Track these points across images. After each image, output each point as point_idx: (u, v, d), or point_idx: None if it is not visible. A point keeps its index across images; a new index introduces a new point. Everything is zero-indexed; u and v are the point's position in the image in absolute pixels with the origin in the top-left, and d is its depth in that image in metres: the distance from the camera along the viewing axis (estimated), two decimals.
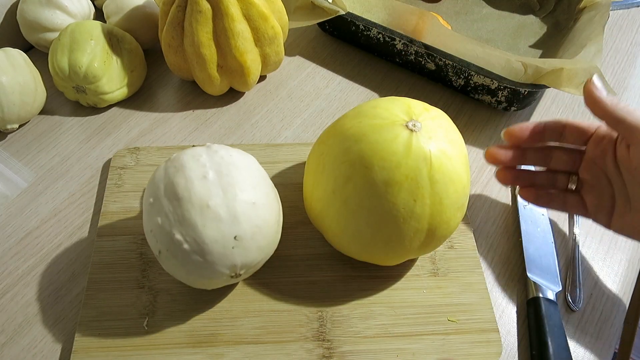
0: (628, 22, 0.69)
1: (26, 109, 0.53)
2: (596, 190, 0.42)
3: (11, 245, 0.47)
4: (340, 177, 0.37)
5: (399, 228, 0.36)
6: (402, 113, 0.37)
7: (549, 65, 0.51)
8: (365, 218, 0.37)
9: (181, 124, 0.56)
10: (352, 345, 0.40)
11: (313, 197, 0.40)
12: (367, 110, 0.38)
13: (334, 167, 0.37)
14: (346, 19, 0.60)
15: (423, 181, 0.35)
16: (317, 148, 0.40)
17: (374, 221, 0.36)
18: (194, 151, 0.39)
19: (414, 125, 0.35)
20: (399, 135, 0.35)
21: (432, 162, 0.35)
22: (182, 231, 0.36)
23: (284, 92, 0.60)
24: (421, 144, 0.35)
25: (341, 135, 0.38)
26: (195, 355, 0.40)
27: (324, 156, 0.38)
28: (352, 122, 0.38)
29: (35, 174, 0.52)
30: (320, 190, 0.39)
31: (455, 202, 0.37)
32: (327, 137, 0.39)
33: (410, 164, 0.35)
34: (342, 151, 0.37)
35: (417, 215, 0.36)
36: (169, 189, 0.37)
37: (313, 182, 0.40)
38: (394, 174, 0.35)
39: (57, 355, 0.41)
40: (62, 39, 0.53)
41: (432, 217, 0.36)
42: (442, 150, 0.35)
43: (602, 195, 0.42)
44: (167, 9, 0.51)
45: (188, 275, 0.38)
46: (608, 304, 0.44)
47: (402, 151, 0.35)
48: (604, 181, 0.41)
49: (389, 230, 0.37)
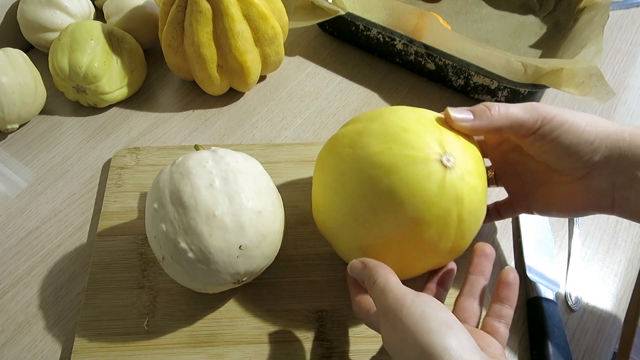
0: (628, 22, 0.69)
1: (26, 109, 0.53)
2: (507, 176, 0.43)
3: (11, 245, 0.47)
4: (366, 207, 0.35)
5: (420, 259, 0.36)
6: (435, 143, 0.34)
7: (549, 65, 0.51)
8: (386, 248, 0.36)
9: (181, 124, 0.56)
10: (352, 345, 0.40)
11: (328, 215, 0.38)
12: (396, 133, 0.35)
13: (359, 195, 0.35)
14: (346, 19, 0.60)
15: (452, 221, 0.34)
16: (333, 162, 0.37)
17: (396, 252, 0.36)
18: (200, 156, 0.39)
19: (448, 160, 0.33)
20: (433, 172, 0.33)
21: (463, 202, 0.34)
22: (187, 240, 0.36)
23: (284, 92, 0.60)
24: (454, 183, 0.33)
25: (368, 160, 0.34)
26: (195, 355, 0.40)
27: (345, 177, 0.36)
28: (381, 146, 0.34)
29: (36, 174, 0.52)
30: (338, 212, 0.37)
31: (475, 231, 0.37)
32: (347, 154, 0.36)
33: (442, 205, 0.33)
34: (369, 180, 0.34)
35: (439, 249, 0.35)
36: (174, 195, 0.37)
37: (329, 200, 0.37)
38: (425, 214, 0.33)
39: (57, 355, 0.41)
40: (62, 39, 0.53)
41: (452, 249, 0.36)
42: (472, 187, 0.34)
43: (512, 180, 0.42)
44: (167, 9, 0.51)
45: (191, 282, 0.38)
46: (608, 304, 0.44)
47: (435, 190, 0.33)
48: (509, 166, 0.42)
49: (408, 260, 0.36)
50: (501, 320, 0.35)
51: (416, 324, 0.29)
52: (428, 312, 0.29)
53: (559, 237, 0.48)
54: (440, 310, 0.30)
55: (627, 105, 0.60)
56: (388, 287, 0.32)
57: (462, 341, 0.28)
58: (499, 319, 0.35)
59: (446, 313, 0.30)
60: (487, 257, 0.37)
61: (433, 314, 0.29)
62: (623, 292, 0.45)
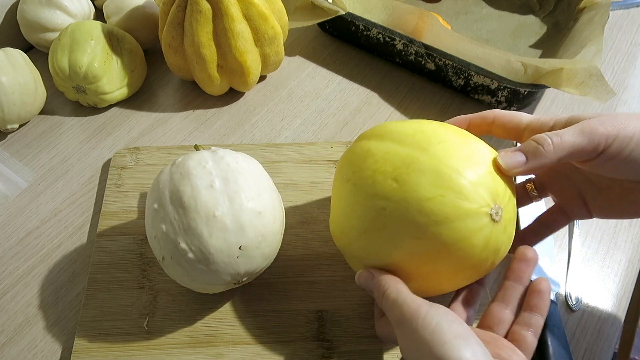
0: (628, 22, 0.69)
1: (26, 109, 0.53)
2: (558, 185, 0.40)
3: (11, 245, 0.47)
4: (405, 250, 0.33)
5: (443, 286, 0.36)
6: (486, 193, 0.32)
7: (549, 65, 0.51)
8: (412, 278, 0.35)
9: (181, 124, 0.56)
10: (352, 345, 0.40)
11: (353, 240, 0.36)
12: (449, 176, 0.32)
13: (399, 236, 0.33)
14: (346, 19, 0.60)
15: (485, 267, 0.34)
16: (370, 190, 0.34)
17: (422, 281, 0.35)
18: (199, 156, 0.38)
19: (497, 214, 0.32)
20: (482, 227, 0.32)
21: (499, 252, 0.34)
22: (187, 240, 0.36)
23: (284, 92, 0.60)
24: (498, 237, 0.33)
25: (417, 204, 0.32)
26: (195, 355, 0.40)
27: (386, 215, 0.33)
28: (433, 192, 0.32)
29: (36, 174, 0.52)
30: (369, 243, 0.35)
31: None
32: (391, 189, 0.33)
33: (482, 257, 0.33)
34: (414, 226, 0.32)
35: (461, 284, 0.36)
36: (174, 196, 0.37)
37: (358, 227, 0.35)
38: (465, 264, 0.33)
39: (57, 355, 0.41)
40: (62, 39, 0.53)
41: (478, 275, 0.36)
42: (510, 237, 0.34)
43: (565, 187, 0.39)
44: (167, 9, 0.51)
45: (191, 282, 0.38)
46: (608, 304, 0.44)
47: (480, 246, 0.32)
48: (560, 174, 0.40)
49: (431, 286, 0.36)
50: (529, 329, 0.34)
51: (431, 335, 0.29)
52: (443, 324, 0.29)
53: (559, 237, 0.48)
54: (456, 322, 0.29)
55: (627, 105, 0.60)
56: (401, 298, 0.32)
57: (477, 354, 0.28)
58: (528, 327, 0.34)
59: (461, 325, 0.29)
60: (528, 262, 0.36)
61: (448, 327, 0.29)
62: (623, 292, 0.45)
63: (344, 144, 0.53)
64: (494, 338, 0.34)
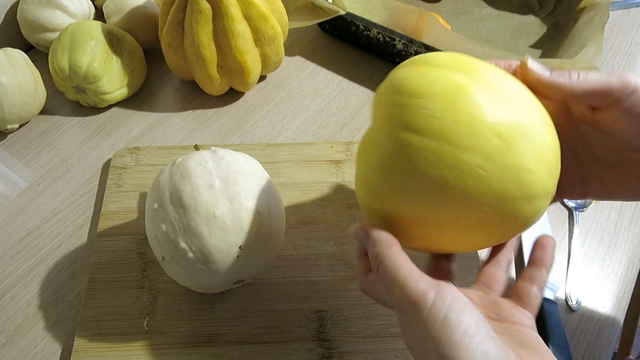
0: (628, 22, 0.69)
1: (26, 109, 0.53)
2: None
3: (11, 245, 0.47)
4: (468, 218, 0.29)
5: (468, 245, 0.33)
6: (557, 173, 0.30)
7: (549, 65, 0.51)
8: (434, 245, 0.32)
9: (181, 124, 0.56)
10: (352, 345, 0.40)
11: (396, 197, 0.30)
12: (550, 145, 0.29)
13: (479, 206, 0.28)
14: (346, 19, 0.60)
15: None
16: (467, 156, 0.27)
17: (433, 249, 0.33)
18: (199, 156, 0.39)
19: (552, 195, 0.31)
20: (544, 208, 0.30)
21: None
22: (187, 240, 0.36)
23: (284, 92, 0.60)
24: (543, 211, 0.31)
25: (520, 173, 0.28)
26: (195, 355, 0.40)
27: (482, 179, 0.27)
28: (535, 163, 0.28)
29: (36, 174, 0.52)
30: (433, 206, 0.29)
31: None
32: (492, 145, 0.27)
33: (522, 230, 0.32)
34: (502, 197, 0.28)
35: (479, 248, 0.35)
36: (174, 196, 0.37)
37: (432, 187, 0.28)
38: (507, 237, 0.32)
39: (57, 355, 0.41)
40: (62, 39, 0.53)
41: None
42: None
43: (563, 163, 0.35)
44: (167, 9, 0.51)
45: (191, 282, 0.38)
46: (608, 304, 0.44)
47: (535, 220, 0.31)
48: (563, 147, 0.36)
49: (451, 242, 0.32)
50: (533, 283, 0.32)
51: (437, 332, 0.26)
52: (451, 318, 0.26)
53: (559, 237, 0.48)
54: (465, 312, 0.26)
55: None
56: (400, 277, 0.28)
57: (489, 352, 0.25)
58: (531, 282, 0.32)
59: (471, 314, 0.26)
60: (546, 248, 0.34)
61: (457, 320, 0.26)
62: (623, 292, 0.45)
63: (344, 144, 0.53)
64: (491, 302, 0.32)
